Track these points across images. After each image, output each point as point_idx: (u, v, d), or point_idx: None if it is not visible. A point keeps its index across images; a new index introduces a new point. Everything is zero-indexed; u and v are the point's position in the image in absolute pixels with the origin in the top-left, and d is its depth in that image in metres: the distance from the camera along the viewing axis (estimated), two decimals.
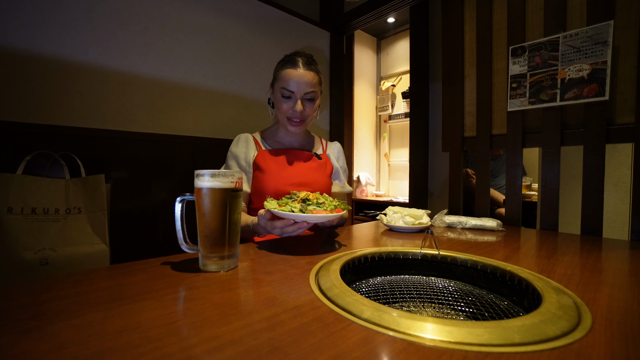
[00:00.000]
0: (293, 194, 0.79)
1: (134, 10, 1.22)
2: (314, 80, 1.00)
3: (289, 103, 1.00)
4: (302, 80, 0.98)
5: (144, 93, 1.26)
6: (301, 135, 1.13)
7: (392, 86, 3.51)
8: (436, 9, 1.86)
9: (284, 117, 1.03)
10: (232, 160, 1.05)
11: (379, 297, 0.60)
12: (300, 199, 0.75)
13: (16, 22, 1.00)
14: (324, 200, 0.76)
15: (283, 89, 0.99)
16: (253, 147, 1.06)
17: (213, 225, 0.57)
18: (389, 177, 3.62)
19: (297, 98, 0.99)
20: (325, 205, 0.74)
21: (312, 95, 1.01)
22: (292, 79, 0.98)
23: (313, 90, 1.00)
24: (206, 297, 0.45)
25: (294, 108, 1.00)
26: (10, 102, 1.00)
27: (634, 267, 0.65)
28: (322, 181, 1.08)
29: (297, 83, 0.98)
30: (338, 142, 1.23)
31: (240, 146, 1.05)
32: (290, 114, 1.02)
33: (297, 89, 0.98)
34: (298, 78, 0.98)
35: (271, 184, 1.00)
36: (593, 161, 1.04)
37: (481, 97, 1.32)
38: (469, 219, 1.07)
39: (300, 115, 1.01)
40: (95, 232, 1.00)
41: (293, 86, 0.98)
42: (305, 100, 1.01)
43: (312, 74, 1.00)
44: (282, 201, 0.76)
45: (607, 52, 0.98)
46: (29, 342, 0.32)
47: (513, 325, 0.36)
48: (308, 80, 0.99)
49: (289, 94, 0.99)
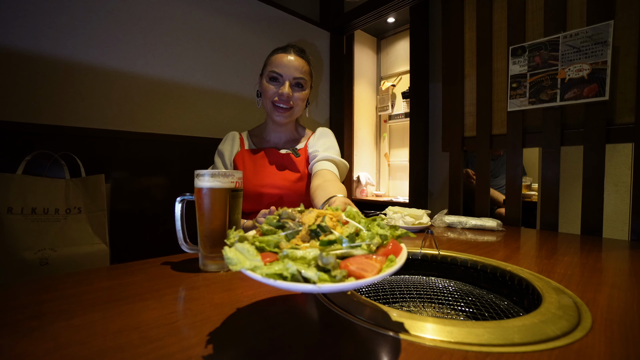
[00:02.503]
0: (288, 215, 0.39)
1: (134, 10, 1.22)
2: (304, 68, 0.98)
3: (276, 86, 0.97)
4: (292, 65, 0.96)
5: (144, 93, 1.26)
6: (288, 128, 1.07)
7: (392, 86, 3.51)
8: (436, 9, 1.86)
9: (269, 103, 0.99)
10: (217, 157, 1.05)
11: (379, 297, 0.60)
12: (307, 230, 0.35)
13: (16, 22, 1.00)
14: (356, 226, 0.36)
15: (271, 71, 0.97)
16: (237, 146, 1.06)
17: (213, 225, 0.57)
18: (389, 177, 3.62)
19: (284, 81, 0.96)
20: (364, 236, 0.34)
21: (301, 82, 0.98)
22: (282, 62, 0.96)
23: (302, 77, 0.98)
24: (206, 297, 0.45)
25: (280, 91, 0.96)
26: (10, 102, 1.00)
27: (634, 267, 0.65)
28: (296, 186, 0.99)
29: (286, 66, 0.96)
30: (323, 127, 1.12)
31: (226, 144, 1.06)
32: (276, 97, 0.97)
33: (286, 72, 0.96)
34: (288, 62, 0.96)
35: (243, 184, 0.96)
36: (593, 161, 1.04)
37: (481, 97, 1.32)
38: (469, 219, 1.07)
39: (287, 100, 0.97)
40: (95, 232, 1.00)
41: (282, 69, 0.96)
42: (293, 85, 0.97)
43: (302, 61, 0.98)
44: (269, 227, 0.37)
45: (607, 52, 0.98)
46: (29, 342, 0.32)
47: (513, 325, 0.36)
48: (298, 65, 0.97)
49: (276, 76, 0.96)
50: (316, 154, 1.00)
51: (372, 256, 0.31)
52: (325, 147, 1.03)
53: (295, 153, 1.04)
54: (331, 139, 1.07)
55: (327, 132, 1.09)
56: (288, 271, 0.28)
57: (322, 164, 0.96)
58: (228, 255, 0.30)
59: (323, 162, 0.96)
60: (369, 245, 0.33)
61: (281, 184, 0.98)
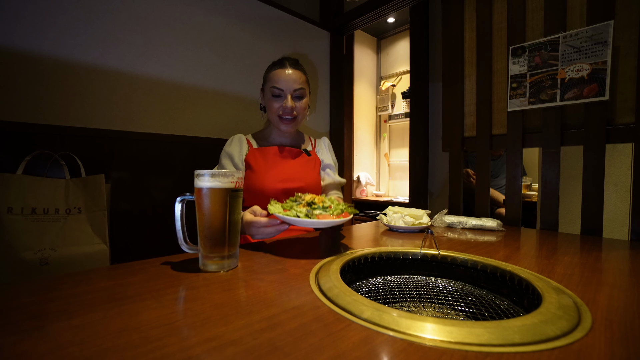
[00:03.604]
0: (298, 197, 0.77)
1: (134, 10, 1.22)
2: (301, 79, 1.06)
3: (279, 101, 1.05)
4: (290, 78, 1.04)
5: (144, 93, 1.26)
6: (292, 134, 1.15)
7: (392, 86, 3.51)
8: (436, 9, 1.86)
9: (275, 117, 1.06)
10: (226, 159, 1.06)
11: (379, 297, 0.60)
12: (305, 202, 0.73)
13: (16, 22, 1.00)
14: (330, 203, 0.73)
15: (273, 87, 1.04)
16: (245, 146, 1.09)
17: (213, 225, 0.57)
18: (389, 177, 3.62)
19: (286, 95, 1.04)
20: (332, 210, 0.71)
21: (300, 93, 1.06)
22: (281, 77, 1.04)
23: (301, 87, 1.05)
24: (206, 297, 0.45)
25: (284, 105, 1.04)
26: (10, 102, 1.00)
27: (634, 267, 0.65)
28: (311, 176, 1.10)
29: (285, 80, 1.03)
30: (326, 138, 1.26)
31: (234, 145, 1.08)
32: (281, 111, 1.05)
33: (286, 86, 1.04)
34: (286, 76, 1.04)
35: (260, 181, 1.01)
36: (593, 161, 1.04)
37: (481, 97, 1.32)
38: (469, 219, 1.07)
39: (291, 112, 1.05)
40: (95, 232, 1.00)
41: (282, 84, 1.03)
42: (294, 97, 1.06)
43: (299, 73, 1.06)
44: (287, 204, 0.73)
45: (607, 52, 0.98)
46: (29, 342, 0.32)
47: (513, 325, 0.36)
48: (296, 78, 1.05)
49: (278, 92, 1.04)
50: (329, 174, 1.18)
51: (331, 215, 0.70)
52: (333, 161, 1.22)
53: (307, 152, 1.14)
54: (332, 152, 1.24)
55: (329, 144, 1.25)
56: (293, 213, 0.69)
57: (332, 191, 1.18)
58: (270, 209, 0.71)
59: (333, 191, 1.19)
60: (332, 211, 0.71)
61: (301, 176, 1.07)
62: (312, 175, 1.10)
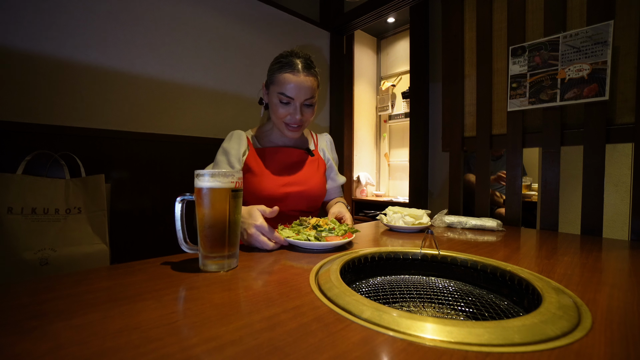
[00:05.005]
0: (303, 220, 0.82)
1: (134, 10, 1.22)
2: (313, 85, 0.96)
3: (287, 109, 0.96)
4: (302, 87, 0.93)
5: (144, 93, 1.26)
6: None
7: (392, 86, 3.51)
8: (436, 9, 1.86)
9: (280, 122, 0.99)
10: (221, 156, 0.99)
11: (379, 297, 0.60)
12: (311, 226, 0.79)
13: (16, 23, 1.00)
14: (333, 225, 0.80)
15: (281, 94, 0.94)
16: (245, 145, 1.03)
17: (213, 225, 0.57)
18: (389, 177, 3.62)
19: (296, 105, 0.95)
20: (336, 231, 0.78)
21: (311, 102, 0.97)
22: (292, 84, 0.92)
23: (312, 96, 0.97)
24: (206, 297, 0.45)
25: (292, 115, 0.96)
26: (10, 102, 1.00)
27: (634, 267, 0.65)
28: (315, 179, 1.06)
29: (296, 89, 0.93)
30: (328, 134, 1.21)
31: (232, 142, 1.01)
32: (288, 119, 0.98)
33: (297, 95, 0.93)
34: (298, 84, 0.92)
35: (265, 186, 0.98)
36: (593, 161, 1.04)
37: (481, 97, 1.32)
38: (469, 219, 1.07)
39: (299, 122, 0.98)
40: (95, 232, 1.00)
41: (292, 92, 0.93)
42: (304, 106, 0.97)
43: (311, 79, 0.95)
44: (294, 228, 0.79)
45: (607, 52, 0.98)
46: (29, 342, 0.32)
47: (513, 325, 0.36)
48: (308, 86, 0.94)
49: (287, 100, 0.94)
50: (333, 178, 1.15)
51: (338, 236, 0.75)
52: (335, 160, 1.19)
53: (310, 153, 1.10)
54: (334, 150, 1.21)
55: (331, 140, 1.20)
56: (304, 237, 0.74)
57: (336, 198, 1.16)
58: (281, 234, 0.74)
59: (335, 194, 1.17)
60: (337, 232, 0.77)
61: (304, 179, 1.03)
62: (315, 178, 1.06)
